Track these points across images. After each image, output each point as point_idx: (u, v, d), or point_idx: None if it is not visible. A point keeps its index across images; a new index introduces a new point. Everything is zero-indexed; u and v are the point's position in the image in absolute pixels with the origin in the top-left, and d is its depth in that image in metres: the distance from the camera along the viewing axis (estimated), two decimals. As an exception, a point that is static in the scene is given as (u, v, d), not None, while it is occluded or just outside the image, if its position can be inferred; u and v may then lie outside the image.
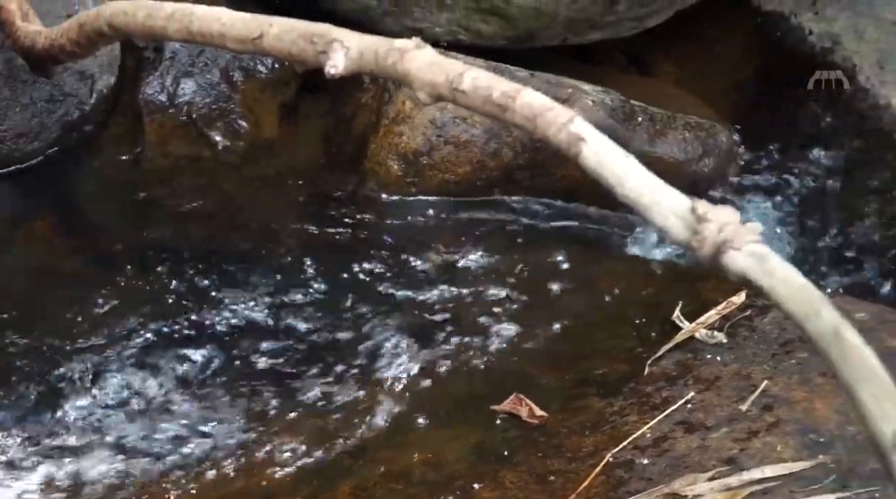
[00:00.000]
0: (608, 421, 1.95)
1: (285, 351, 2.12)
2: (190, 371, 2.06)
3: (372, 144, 2.43)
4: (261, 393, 2.05)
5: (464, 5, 2.39)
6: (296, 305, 2.20)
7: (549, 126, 1.38)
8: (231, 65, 2.46)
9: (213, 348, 2.10)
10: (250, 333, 2.15)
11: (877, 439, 0.98)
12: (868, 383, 1.02)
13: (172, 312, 2.14)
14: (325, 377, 2.09)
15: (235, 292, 2.19)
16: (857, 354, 1.05)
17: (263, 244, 2.30)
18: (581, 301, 2.26)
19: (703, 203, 1.27)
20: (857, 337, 1.07)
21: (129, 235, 2.30)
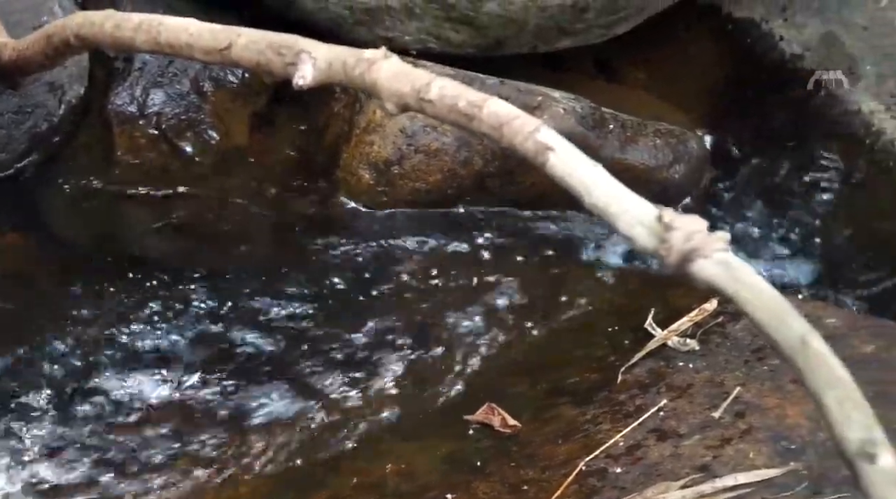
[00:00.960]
0: (581, 430, 1.95)
1: (257, 363, 2.11)
2: (160, 383, 2.05)
3: (343, 153, 2.42)
4: (233, 405, 2.04)
5: (433, 14, 2.38)
6: (266, 316, 2.19)
7: (515, 135, 1.38)
8: (201, 75, 2.45)
9: (183, 360, 2.09)
10: (221, 344, 2.13)
11: (843, 445, 0.98)
12: (834, 389, 1.02)
13: (143, 324, 2.12)
14: (296, 389, 2.08)
15: (206, 304, 2.18)
16: (823, 362, 1.05)
17: (234, 255, 2.29)
18: (553, 309, 2.26)
19: (670, 212, 1.27)
20: (824, 345, 1.07)
21: (99, 248, 2.28)
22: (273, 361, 2.12)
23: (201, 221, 2.35)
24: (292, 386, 2.08)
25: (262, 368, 2.10)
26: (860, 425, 0.98)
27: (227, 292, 2.20)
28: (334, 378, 2.10)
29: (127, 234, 2.31)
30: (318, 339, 2.17)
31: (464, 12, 2.37)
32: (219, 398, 2.04)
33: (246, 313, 2.18)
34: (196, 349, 2.11)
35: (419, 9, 2.38)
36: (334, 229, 2.37)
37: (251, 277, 2.24)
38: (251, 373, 2.09)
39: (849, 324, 2.11)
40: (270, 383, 2.08)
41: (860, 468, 0.96)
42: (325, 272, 2.28)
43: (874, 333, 2.08)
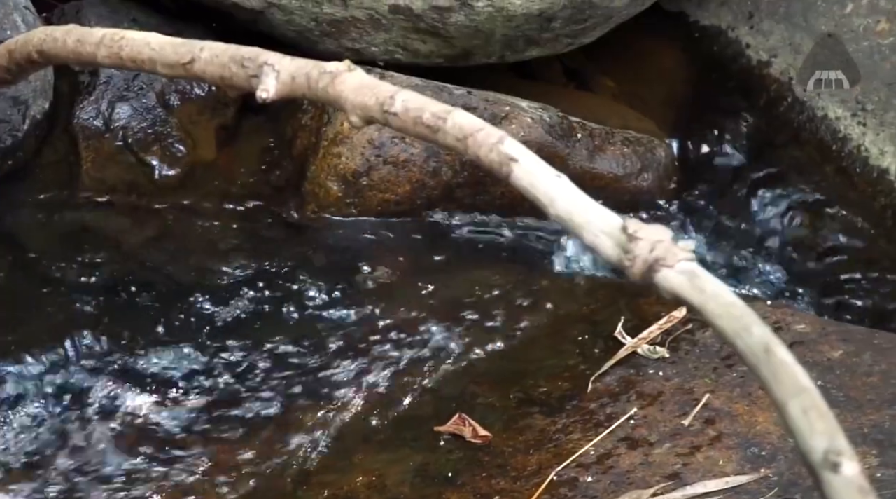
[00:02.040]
0: (552, 439, 1.95)
1: (225, 375, 2.10)
2: (125, 400, 2.03)
3: (312, 165, 2.42)
4: (200, 419, 2.03)
5: (400, 25, 2.38)
6: (235, 329, 2.18)
7: (479, 146, 1.37)
8: (167, 88, 2.44)
9: (149, 375, 2.08)
10: (189, 357, 2.12)
11: (807, 455, 0.98)
12: (797, 398, 1.02)
13: (109, 341, 2.11)
14: (266, 401, 2.08)
15: (173, 319, 2.17)
16: (787, 371, 1.05)
17: (202, 269, 2.28)
18: (523, 318, 2.25)
19: (634, 222, 1.26)
20: (788, 353, 1.07)
21: (64, 263, 2.26)
22: (241, 375, 2.11)
23: (169, 235, 2.34)
24: (260, 399, 2.07)
25: (230, 383, 2.09)
26: (824, 434, 0.98)
27: (194, 307, 2.19)
28: (303, 390, 2.10)
29: (94, 249, 2.29)
30: (286, 352, 2.16)
31: (431, 23, 2.37)
32: (186, 414, 2.03)
33: (213, 328, 2.17)
34: (163, 365, 2.10)
35: (386, 20, 2.38)
36: (303, 242, 2.37)
37: (218, 292, 2.23)
38: (219, 388, 2.08)
39: (817, 329, 2.12)
40: (238, 396, 2.07)
41: (824, 477, 0.96)
42: (293, 285, 2.27)
43: (842, 339, 2.09)
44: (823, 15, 2.80)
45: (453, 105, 2.39)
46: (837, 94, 2.72)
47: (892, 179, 2.62)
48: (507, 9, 2.35)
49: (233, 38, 2.18)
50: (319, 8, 2.36)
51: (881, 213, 2.61)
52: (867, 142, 2.66)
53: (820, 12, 2.80)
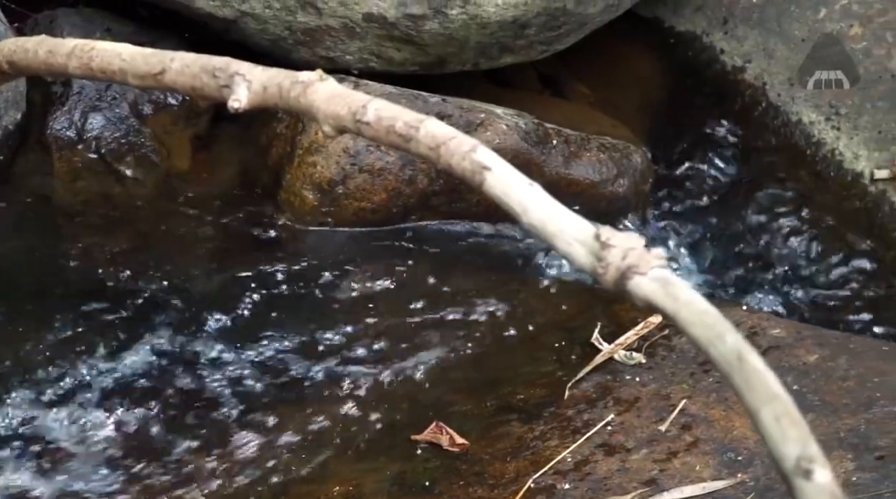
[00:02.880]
0: (529, 446, 1.95)
1: (200, 386, 2.09)
2: (98, 409, 2.02)
3: (287, 174, 2.41)
4: (176, 430, 2.02)
5: (374, 33, 2.38)
6: (211, 339, 2.17)
7: (452, 155, 1.37)
8: (140, 98, 2.43)
9: (124, 388, 2.07)
10: (164, 366, 2.11)
11: (779, 462, 0.98)
12: (770, 405, 1.02)
13: (83, 350, 2.10)
14: (242, 410, 2.07)
15: (148, 330, 2.16)
16: (760, 378, 1.05)
17: (178, 280, 2.27)
18: (500, 325, 2.25)
19: (607, 229, 1.27)
20: (760, 361, 1.07)
21: (38, 275, 2.25)
22: (215, 384, 2.10)
23: (143, 245, 2.33)
24: (236, 408, 2.06)
25: (206, 391, 2.08)
26: (796, 441, 0.98)
27: (169, 317, 2.19)
28: (279, 399, 2.09)
29: (67, 260, 2.28)
30: (262, 361, 2.15)
31: (405, 31, 2.37)
32: (161, 423, 2.02)
33: (188, 337, 2.16)
34: (138, 374, 2.09)
35: (360, 28, 2.37)
36: (279, 251, 2.36)
37: (193, 301, 2.22)
38: (194, 396, 2.07)
39: (792, 334, 2.13)
40: (214, 405, 2.06)
41: (796, 484, 0.96)
42: (268, 295, 2.27)
43: (817, 343, 2.09)
44: (797, 20, 2.81)
45: (428, 113, 2.40)
46: (811, 98, 2.73)
47: (866, 183, 2.63)
48: (481, 16, 2.35)
49: (207, 48, 2.18)
50: (293, 17, 2.35)
51: (855, 216, 2.62)
52: (841, 146, 2.68)
53: (794, 17, 2.82)
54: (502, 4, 2.33)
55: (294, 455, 1.99)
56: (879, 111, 2.66)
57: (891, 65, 2.69)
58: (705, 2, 2.91)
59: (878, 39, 2.72)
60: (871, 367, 2.02)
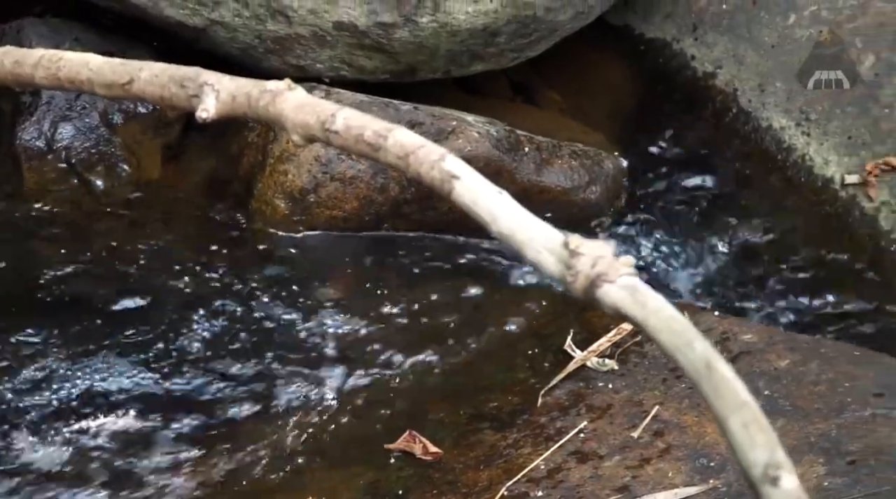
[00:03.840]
0: (502, 454, 1.95)
1: (170, 396, 2.08)
2: (67, 417, 2.01)
3: (258, 182, 2.41)
4: (149, 440, 2.01)
5: (345, 42, 2.38)
6: (182, 347, 2.16)
7: (421, 164, 1.37)
8: (110, 107, 2.42)
9: (93, 393, 2.05)
10: (135, 375, 2.10)
11: (747, 469, 0.99)
12: (738, 413, 1.02)
13: (52, 360, 2.09)
14: (215, 420, 2.06)
15: (120, 336, 2.15)
16: (728, 385, 1.05)
17: (149, 290, 2.26)
18: (473, 333, 2.25)
19: (576, 237, 1.26)
20: (728, 368, 1.07)
21: (8, 286, 2.24)
22: (189, 393, 2.09)
23: (114, 255, 2.32)
24: (209, 419, 2.05)
25: (178, 401, 2.07)
26: (764, 448, 0.99)
27: (140, 326, 2.17)
28: (253, 408, 2.08)
29: (37, 271, 2.27)
30: (235, 370, 2.14)
31: (375, 39, 2.37)
32: (134, 433, 2.01)
33: (160, 346, 2.15)
34: (108, 383, 2.08)
35: (330, 37, 2.37)
36: (250, 260, 2.35)
37: (165, 310, 2.21)
38: (166, 406, 2.06)
39: (764, 339, 2.14)
40: (187, 415, 2.05)
41: (763, 491, 0.96)
42: (240, 303, 2.26)
43: (789, 348, 2.10)
44: (767, 26, 2.82)
45: (400, 121, 2.41)
46: (781, 104, 2.75)
47: (836, 188, 2.65)
48: (452, 24, 2.35)
49: (177, 57, 2.17)
50: (263, 25, 2.35)
51: (826, 221, 2.64)
52: (811, 151, 2.69)
53: (763, 24, 2.83)
54: (472, 12, 2.34)
55: (267, 465, 1.98)
56: (849, 117, 2.68)
57: (860, 71, 2.71)
58: (675, 9, 2.93)
59: (848, 46, 2.74)
60: (843, 371, 2.03)
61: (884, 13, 2.74)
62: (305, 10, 2.31)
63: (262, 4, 2.30)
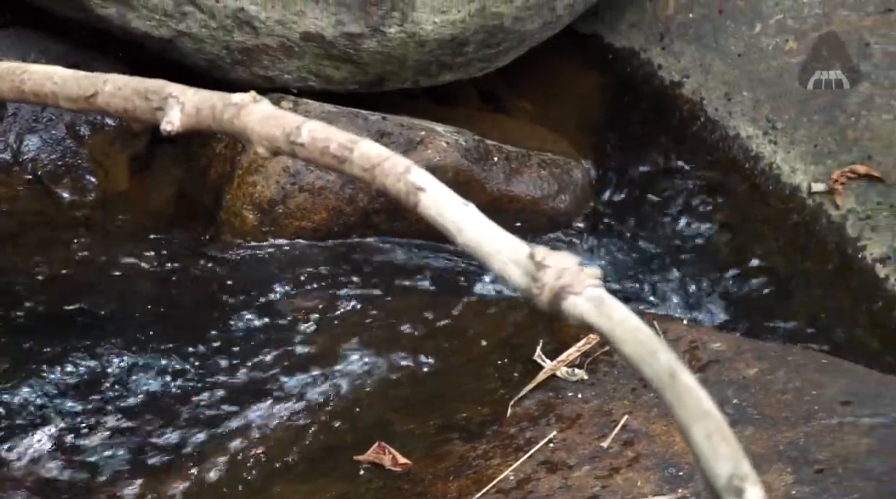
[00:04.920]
0: (472, 465, 1.94)
1: (138, 408, 2.07)
2: (34, 433, 1.99)
3: (227, 194, 2.40)
4: (111, 454, 1.99)
5: (313, 52, 2.37)
6: (149, 361, 2.15)
7: (386, 176, 1.37)
8: (77, 119, 2.41)
9: (60, 407, 2.04)
10: (102, 390, 2.09)
11: (711, 480, 0.99)
12: (701, 423, 1.03)
13: (21, 373, 2.07)
14: (182, 434, 2.05)
15: (87, 350, 2.14)
16: (692, 395, 1.06)
17: (116, 301, 2.25)
18: (442, 344, 2.25)
19: (542, 249, 1.27)
20: (692, 378, 1.07)
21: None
22: (155, 407, 2.08)
23: (81, 267, 2.31)
24: (175, 432, 2.04)
25: (144, 416, 2.06)
26: (728, 459, 0.99)
27: (107, 339, 2.16)
28: (220, 422, 2.07)
29: (4, 283, 2.25)
30: (202, 383, 2.13)
31: (343, 50, 2.37)
32: (99, 448, 2.00)
33: (126, 360, 2.14)
34: (70, 400, 2.06)
35: (298, 47, 2.37)
36: (218, 272, 2.34)
37: (133, 323, 2.20)
38: (132, 421, 2.05)
39: (732, 347, 2.14)
40: (152, 430, 2.04)
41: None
42: (209, 316, 2.25)
43: (757, 357, 2.11)
44: (733, 35, 2.84)
45: (368, 131, 2.41)
46: (749, 112, 2.76)
47: (803, 196, 2.66)
48: (419, 34, 2.35)
49: (143, 68, 2.16)
50: (230, 36, 2.34)
51: (793, 229, 2.65)
52: (779, 160, 2.70)
53: (730, 33, 2.84)
54: (440, 23, 2.34)
55: (234, 479, 1.97)
56: (815, 125, 2.69)
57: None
58: (642, 18, 2.94)
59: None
60: (810, 379, 2.04)
61: (849, 21, 2.76)
62: (273, 20, 2.31)
63: (229, 15, 2.29)
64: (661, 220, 2.70)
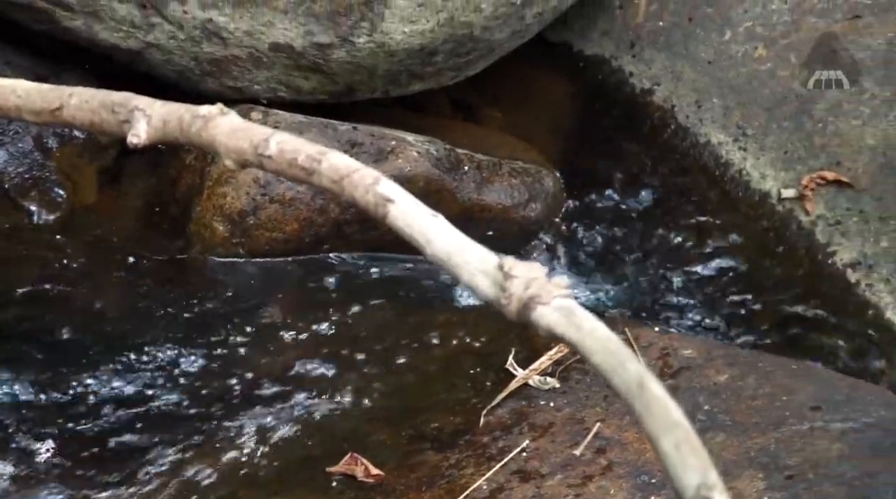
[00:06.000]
0: (444, 475, 1.94)
1: (104, 424, 2.06)
2: (7, 448, 1.98)
3: (197, 205, 2.39)
4: (82, 470, 1.98)
5: (282, 63, 2.37)
6: (119, 375, 2.13)
7: (355, 188, 1.36)
8: (45, 132, 2.39)
9: (21, 428, 2.02)
10: (72, 405, 2.07)
11: (679, 490, 0.99)
12: (670, 433, 1.03)
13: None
14: (153, 447, 2.03)
15: (54, 366, 2.12)
16: (660, 405, 1.06)
17: (84, 315, 2.23)
18: (415, 354, 2.25)
19: (510, 259, 1.27)
20: (661, 388, 1.08)
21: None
22: (125, 422, 2.06)
23: (50, 281, 2.29)
24: (146, 446, 2.03)
25: (114, 431, 2.05)
26: (696, 469, 0.99)
27: (76, 355, 2.15)
28: (191, 435, 2.06)
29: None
30: (174, 396, 2.12)
31: (312, 60, 2.36)
32: (71, 463, 1.98)
33: (95, 375, 2.12)
34: (37, 415, 2.05)
35: (267, 58, 2.36)
36: (188, 284, 2.33)
37: (102, 338, 2.19)
38: (102, 436, 2.03)
39: (703, 354, 2.15)
40: (123, 445, 2.03)
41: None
42: (179, 328, 2.24)
43: (728, 363, 2.11)
44: (703, 43, 2.85)
45: (339, 141, 2.41)
46: (719, 119, 2.77)
47: (773, 202, 2.67)
48: (388, 44, 2.35)
49: (110, 80, 2.15)
50: (199, 47, 2.33)
51: (764, 235, 2.66)
52: (748, 166, 2.71)
53: (699, 40, 2.85)
54: (409, 32, 2.34)
55: (205, 491, 1.96)
56: (785, 131, 2.71)
57: (795, 86, 2.74)
58: (612, 26, 2.95)
59: (783, 61, 2.77)
60: (781, 385, 2.04)
61: (817, 28, 2.78)
62: (241, 31, 2.30)
63: (198, 27, 2.28)
64: (632, 227, 2.71)
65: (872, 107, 2.66)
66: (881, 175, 2.61)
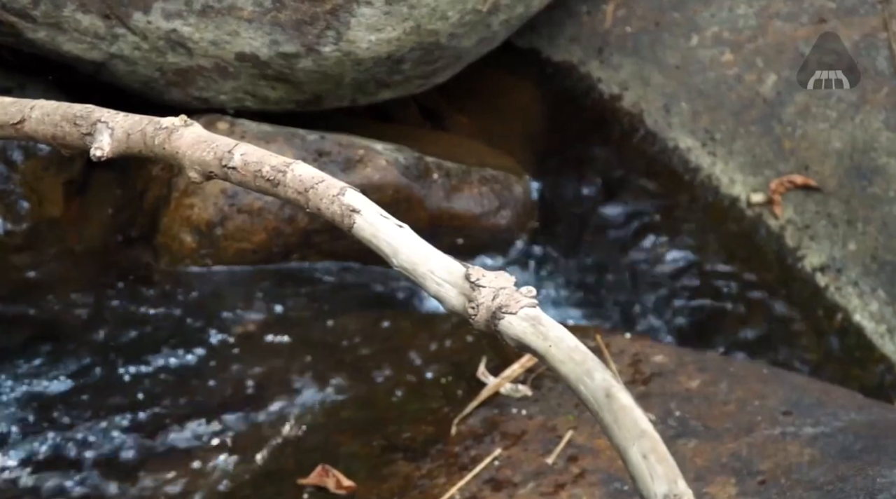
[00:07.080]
0: (416, 485, 1.93)
1: (76, 437, 2.04)
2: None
3: (164, 217, 2.37)
4: (46, 486, 1.96)
5: (248, 72, 2.35)
6: (86, 389, 2.12)
7: (320, 199, 1.36)
8: (9, 144, 2.36)
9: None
10: (36, 421, 2.05)
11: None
12: (638, 442, 1.02)
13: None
14: (121, 463, 2.02)
15: (19, 380, 2.10)
16: (628, 415, 1.05)
17: (50, 330, 2.21)
18: (386, 363, 2.24)
19: (477, 269, 1.26)
20: (629, 397, 1.07)
21: None
22: (93, 436, 2.05)
23: (14, 296, 2.27)
24: (114, 461, 2.01)
25: (82, 446, 2.03)
26: (664, 479, 0.99)
27: (41, 368, 2.13)
28: (160, 449, 2.04)
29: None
30: (143, 410, 2.11)
31: (278, 70, 2.35)
32: (35, 479, 1.96)
33: (62, 390, 2.11)
34: (8, 429, 2.03)
35: (233, 68, 2.34)
36: (156, 297, 2.31)
37: (67, 352, 2.17)
38: (68, 452, 2.02)
39: (675, 360, 2.15)
40: (90, 460, 2.01)
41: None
42: (147, 341, 2.22)
43: (699, 368, 2.12)
44: (670, 48, 2.85)
45: (306, 150, 2.40)
46: (687, 124, 2.77)
47: (742, 207, 2.68)
48: (355, 53, 2.33)
49: (74, 91, 2.13)
50: (163, 58, 2.31)
51: (734, 240, 2.66)
52: (717, 171, 2.72)
53: (667, 45, 2.86)
54: (375, 41, 2.33)
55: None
56: (753, 136, 2.71)
57: (762, 90, 2.74)
58: (580, 32, 2.94)
59: (750, 65, 2.77)
60: (752, 390, 2.05)
61: (783, 33, 2.78)
62: (206, 41, 2.28)
63: (162, 37, 2.27)
64: (602, 233, 2.71)
65: (839, 110, 2.66)
66: (848, 178, 2.61)
